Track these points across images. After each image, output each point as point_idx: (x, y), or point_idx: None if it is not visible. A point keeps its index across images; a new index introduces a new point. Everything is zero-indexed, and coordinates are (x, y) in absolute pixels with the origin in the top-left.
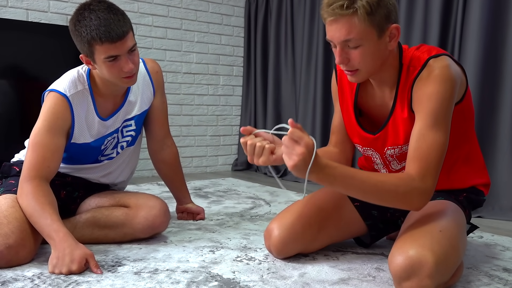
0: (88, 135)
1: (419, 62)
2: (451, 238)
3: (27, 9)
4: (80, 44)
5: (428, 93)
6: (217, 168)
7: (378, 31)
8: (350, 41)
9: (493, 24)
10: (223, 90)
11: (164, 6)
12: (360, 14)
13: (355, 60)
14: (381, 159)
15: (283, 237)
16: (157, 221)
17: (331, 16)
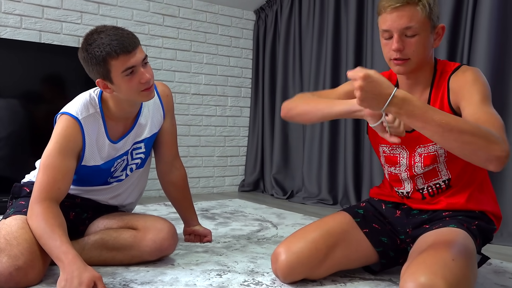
0: (98, 157)
1: (451, 67)
2: (463, 268)
3: (40, 30)
4: (95, 66)
5: (470, 80)
6: (224, 189)
7: (432, 25)
8: (410, 28)
9: (501, 44)
10: (231, 111)
11: (174, 28)
12: (424, 5)
13: (410, 48)
14: (408, 159)
15: (289, 262)
16: (165, 244)
17: (397, 3)
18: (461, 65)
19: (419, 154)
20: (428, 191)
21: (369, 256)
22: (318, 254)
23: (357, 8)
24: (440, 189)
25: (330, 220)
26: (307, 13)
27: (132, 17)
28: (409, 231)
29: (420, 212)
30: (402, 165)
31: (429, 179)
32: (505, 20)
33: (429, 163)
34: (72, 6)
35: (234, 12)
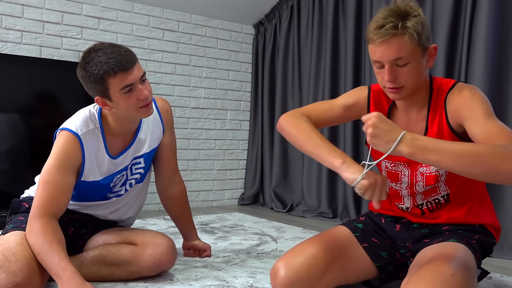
0: (98, 173)
1: (447, 85)
2: (463, 284)
3: (40, 45)
4: (93, 84)
5: (468, 98)
6: (223, 202)
7: (422, 50)
8: (400, 59)
9: (498, 60)
10: (230, 125)
11: (174, 42)
12: (411, 34)
13: (403, 77)
14: (409, 177)
15: (288, 277)
16: (164, 259)
17: (384, 36)
18: (457, 83)
19: (421, 174)
20: (427, 207)
21: (369, 271)
22: (318, 270)
23: (355, 22)
24: (439, 204)
25: (329, 235)
26: (305, 27)
27: (132, 32)
28: (409, 245)
29: (420, 226)
30: (403, 183)
31: (428, 195)
32: (502, 31)
33: (432, 183)
34: (72, 22)
35: (234, 26)
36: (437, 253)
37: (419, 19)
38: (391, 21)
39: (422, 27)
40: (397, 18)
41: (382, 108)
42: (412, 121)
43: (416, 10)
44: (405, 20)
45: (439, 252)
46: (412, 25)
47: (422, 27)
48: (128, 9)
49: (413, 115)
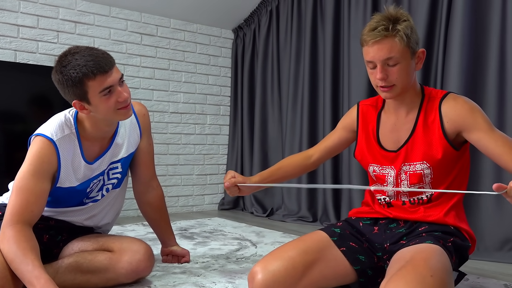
0: (74, 179)
1: (439, 94)
2: (442, 284)
3: (15, 50)
4: (71, 88)
5: (468, 109)
6: (203, 208)
7: (411, 52)
8: (391, 59)
9: (473, 62)
10: (210, 129)
11: (152, 47)
12: (401, 36)
13: (394, 76)
14: (395, 177)
15: (266, 281)
16: (141, 265)
17: (377, 37)
18: (449, 93)
19: (404, 172)
20: (410, 202)
21: (347, 275)
22: (295, 273)
23: (333, 27)
24: (421, 200)
25: (307, 239)
26: (284, 32)
27: (109, 36)
28: (386, 247)
29: (397, 225)
30: (389, 183)
31: (413, 195)
32: (477, 34)
33: (415, 181)
34: (48, 26)
35: (213, 31)
36: (415, 254)
37: (409, 24)
38: (383, 24)
39: (411, 31)
40: (389, 22)
41: (372, 116)
42: (400, 121)
43: (406, 16)
44: (395, 23)
45: (417, 253)
46: (402, 28)
47: (411, 31)
48: (105, 13)
49: (402, 116)
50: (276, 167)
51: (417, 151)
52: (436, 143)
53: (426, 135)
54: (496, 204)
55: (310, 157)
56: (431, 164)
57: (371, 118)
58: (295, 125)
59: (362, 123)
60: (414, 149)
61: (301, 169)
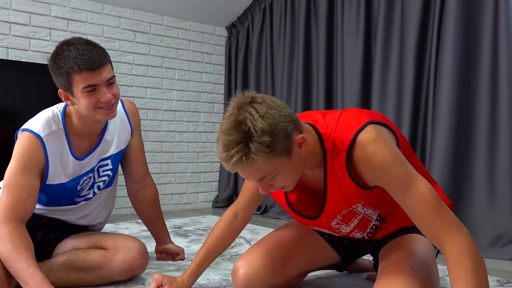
0: (63, 175)
1: (344, 144)
2: (424, 274)
3: (7, 47)
4: (59, 77)
5: (377, 167)
6: (197, 205)
7: (286, 154)
8: (265, 177)
9: (466, 64)
10: (203, 127)
11: (146, 44)
12: (261, 157)
13: (278, 184)
14: (330, 231)
15: (247, 275)
16: (135, 263)
17: (235, 170)
18: (355, 137)
19: (336, 224)
20: (369, 236)
21: (331, 259)
22: (275, 264)
23: (327, 24)
24: (378, 228)
25: (285, 229)
26: (278, 29)
27: (102, 33)
28: (363, 244)
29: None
30: (328, 234)
31: (363, 227)
32: (469, 34)
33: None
34: (40, 23)
35: (206, 28)
36: (396, 246)
37: (265, 139)
38: (234, 154)
39: (272, 138)
40: (239, 145)
41: None
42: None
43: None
44: (248, 145)
45: (398, 244)
46: (258, 149)
47: (272, 138)
48: (98, 10)
49: (312, 173)
50: (204, 253)
51: (339, 209)
52: (356, 197)
53: (342, 194)
54: (489, 200)
55: (236, 217)
56: (358, 202)
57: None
58: None
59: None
60: (335, 209)
61: (231, 237)
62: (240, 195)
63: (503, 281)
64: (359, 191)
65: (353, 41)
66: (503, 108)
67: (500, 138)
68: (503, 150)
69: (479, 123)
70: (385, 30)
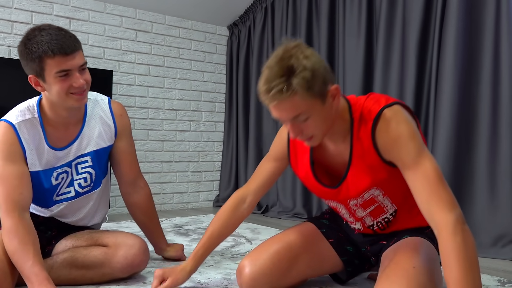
0: (38, 163)
1: (371, 115)
2: (427, 273)
3: (9, 46)
4: (30, 62)
5: (394, 139)
6: (198, 204)
7: (320, 99)
8: (298, 116)
9: (468, 64)
10: (205, 126)
11: (147, 43)
12: (300, 92)
13: (309, 130)
14: (346, 209)
15: (253, 274)
16: (137, 260)
17: (273, 101)
18: (381, 110)
19: (354, 205)
20: (378, 227)
21: (335, 265)
22: (281, 265)
23: (328, 24)
24: (389, 222)
25: (293, 231)
26: (279, 29)
27: (104, 32)
28: (368, 248)
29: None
30: (344, 214)
31: (376, 216)
32: (471, 33)
33: (370, 205)
34: (42, 22)
35: (208, 27)
36: (398, 250)
37: (306, 74)
38: (275, 85)
39: (312, 78)
40: (282, 78)
41: (303, 146)
42: (334, 152)
43: (300, 62)
44: (290, 79)
45: (400, 248)
46: (299, 83)
47: (312, 78)
48: (100, 9)
49: (336, 146)
50: (208, 238)
51: (361, 183)
52: (378, 169)
53: (365, 164)
54: (490, 200)
55: (244, 202)
56: (380, 187)
57: (303, 148)
58: None
59: (293, 154)
60: (357, 182)
61: (236, 222)
62: (251, 179)
63: (504, 281)
64: (379, 163)
65: (354, 41)
66: (504, 109)
67: (501, 138)
68: (504, 151)
69: (480, 124)
70: (386, 30)
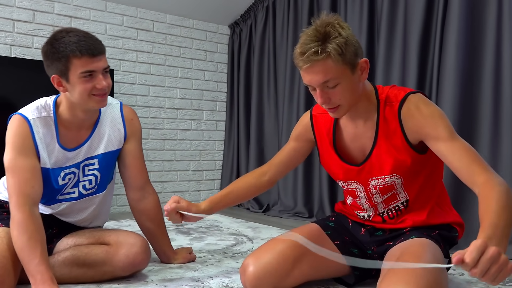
0: (48, 161)
1: (397, 98)
2: (434, 273)
3: (10, 44)
4: (55, 62)
5: (428, 115)
6: None
7: (350, 68)
8: (328, 82)
9: (469, 62)
10: (206, 125)
11: (149, 42)
12: (333, 56)
13: (336, 97)
14: (365, 192)
15: (257, 273)
16: (138, 258)
17: (307, 63)
18: (408, 95)
19: (374, 187)
20: (388, 214)
21: (340, 268)
22: (286, 265)
23: None
24: (399, 211)
25: (299, 232)
26: (281, 27)
27: (105, 31)
28: (374, 249)
29: (383, 233)
30: (361, 198)
31: (388, 203)
32: (473, 32)
33: (387, 192)
34: (44, 20)
35: (209, 26)
36: (404, 250)
37: (340, 40)
38: (311, 47)
39: (345, 45)
40: (317, 42)
41: (327, 126)
42: (360, 130)
43: (336, 29)
44: (325, 43)
45: (405, 248)
46: (333, 47)
47: (345, 45)
48: (101, 8)
49: (360, 124)
50: (227, 190)
51: (384, 163)
52: (402, 151)
53: (390, 144)
54: None
55: (264, 174)
56: (401, 174)
57: (327, 127)
58: (291, 121)
59: (318, 133)
60: (381, 161)
61: (255, 190)
62: (275, 156)
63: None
64: (405, 145)
65: None
66: (506, 107)
67: (503, 136)
68: (505, 148)
69: (482, 122)
70: (388, 28)
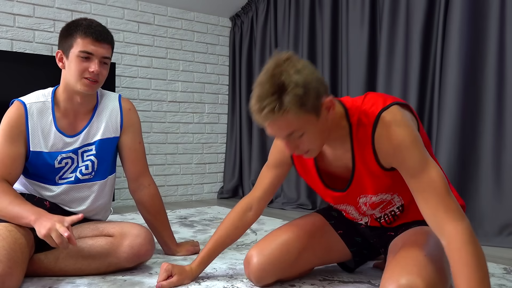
0: (42, 144)
1: (369, 119)
2: (437, 262)
3: (11, 39)
4: (64, 38)
5: (396, 146)
6: (202, 196)
7: (315, 113)
8: (293, 133)
9: (472, 53)
10: (208, 118)
11: (150, 35)
12: (293, 110)
13: (304, 145)
14: (356, 210)
15: (261, 264)
16: (143, 249)
17: (265, 121)
18: (380, 113)
19: (363, 204)
20: (384, 219)
21: (343, 256)
22: (290, 256)
23: (331, 14)
24: (395, 216)
25: (302, 222)
26: (282, 19)
27: (106, 24)
28: (376, 240)
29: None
30: (354, 214)
31: (384, 209)
32: (476, 22)
33: (379, 205)
34: (44, 14)
35: (210, 19)
36: (407, 239)
37: (298, 91)
38: (268, 104)
39: (304, 94)
40: (273, 96)
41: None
42: (337, 156)
43: (291, 77)
44: (281, 96)
45: (408, 238)
46: (291, 101)
47: (304, 94)
48: (102, 1)
49: (338, 148)
50: (214, 241)
51: (367, 186)
52: (380, 175)
53: (368, 168)
54: (496, 189)
55: (250, 209)
56: (386, 191)
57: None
58: None
59: (298, 163)
60: (363, 185)
61: (242, 229)
62: (256, 185)
63: (510, 269)
64: (380, 171)
65: (358, 31)
66: (509, 97)
67: (506, 126)
68: (509, 139)
69: (485, 112)
70: (390, 19)
